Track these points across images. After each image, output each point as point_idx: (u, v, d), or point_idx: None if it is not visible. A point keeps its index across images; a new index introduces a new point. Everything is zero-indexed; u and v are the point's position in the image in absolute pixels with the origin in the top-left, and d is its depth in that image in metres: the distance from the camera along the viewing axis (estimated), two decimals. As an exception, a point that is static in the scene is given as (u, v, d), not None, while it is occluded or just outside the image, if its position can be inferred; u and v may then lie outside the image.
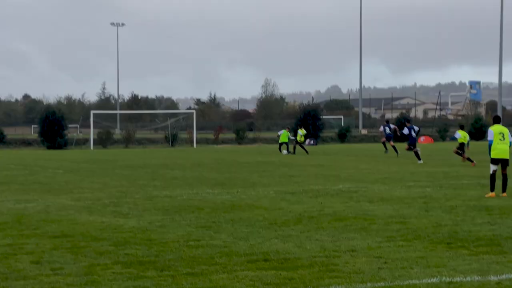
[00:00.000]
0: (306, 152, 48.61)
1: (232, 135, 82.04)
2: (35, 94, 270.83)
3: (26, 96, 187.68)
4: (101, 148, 69.58)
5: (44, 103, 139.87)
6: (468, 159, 34.75)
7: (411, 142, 38.13)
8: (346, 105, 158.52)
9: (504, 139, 20.35)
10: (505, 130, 20.52)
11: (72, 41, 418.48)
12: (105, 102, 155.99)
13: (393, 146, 43.45)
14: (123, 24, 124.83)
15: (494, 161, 20.40)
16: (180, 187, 24.09)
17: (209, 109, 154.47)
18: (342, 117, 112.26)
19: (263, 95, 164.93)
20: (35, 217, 16.45)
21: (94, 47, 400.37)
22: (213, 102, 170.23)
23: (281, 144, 50.57)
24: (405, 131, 39.24)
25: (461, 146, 36.00)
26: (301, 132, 49.63)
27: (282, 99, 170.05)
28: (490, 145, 20.41)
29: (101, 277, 10.13)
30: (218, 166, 35.76)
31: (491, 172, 20.47)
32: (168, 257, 11.56)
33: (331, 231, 14.03)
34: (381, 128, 46.88)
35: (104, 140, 73.35)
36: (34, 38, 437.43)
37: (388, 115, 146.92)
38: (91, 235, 13.80)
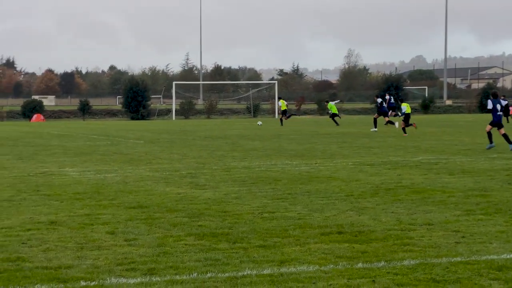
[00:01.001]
0: (281, 122, 52.29)
1: (314, 106, 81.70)
2: (120, 66, 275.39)
3: (112, 68, 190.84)
4: (183, 119, 70.19)
5: (129, 74, 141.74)
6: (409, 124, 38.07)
7: (384, 111, 42.63)
8: (431, 75, 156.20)
9: None
10: None
11: (157, 13, 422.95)
12: (188, 73, 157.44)
13: (388, 121, 42.22)
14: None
15: None
16: (259, 158, 24.04)
17: (292, 80, 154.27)
18: (426, 87, 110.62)
19: (346, 66, 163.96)
20: (113, 188, 16.64)
21: (178, 18, 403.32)
22: (296, 73, 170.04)
23: (333, 115, 51.42)
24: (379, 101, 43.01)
25: (407, 116, 38.04)
26: (281, 103, 54.72)
27: (365, 69, 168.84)
28: None
29: (173, 248, 10.13)
30: (298, 137, 35.62)
31: None
32: (242, 229, 11.49)
33: (408, 204, 13.76)
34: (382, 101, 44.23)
35: (186, 111, 73.97)
36: (119, 10, 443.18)
37: (474, 85, 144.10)
38: (166, 206, 13.86)
